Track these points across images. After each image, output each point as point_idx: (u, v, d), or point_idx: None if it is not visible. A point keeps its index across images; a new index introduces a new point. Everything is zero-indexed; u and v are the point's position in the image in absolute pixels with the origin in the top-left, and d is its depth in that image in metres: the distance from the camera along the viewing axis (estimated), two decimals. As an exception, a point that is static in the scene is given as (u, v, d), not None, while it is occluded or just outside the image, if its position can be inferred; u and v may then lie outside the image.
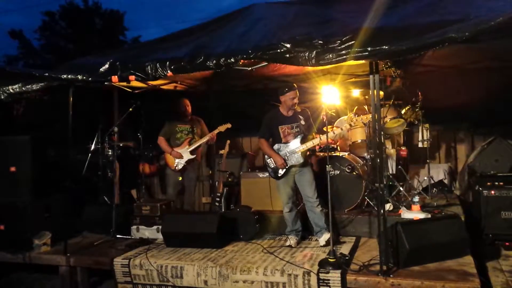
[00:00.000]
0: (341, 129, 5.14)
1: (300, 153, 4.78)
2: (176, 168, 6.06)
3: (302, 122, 4.87)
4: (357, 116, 5.04)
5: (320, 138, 4.67)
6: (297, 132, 4.84)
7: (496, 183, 4.90)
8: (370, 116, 4.62)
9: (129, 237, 5.46)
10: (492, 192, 4.82)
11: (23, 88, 4.89)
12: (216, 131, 6.07)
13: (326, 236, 4.70)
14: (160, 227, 5.29)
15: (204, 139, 6.10)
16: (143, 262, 4.51)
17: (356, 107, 6.13)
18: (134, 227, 5.52)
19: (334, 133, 5.12)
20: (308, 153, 5.00)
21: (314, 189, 4.82)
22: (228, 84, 7.52)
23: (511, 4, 3.49)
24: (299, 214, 5.06)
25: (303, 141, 4.81)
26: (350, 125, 4.96)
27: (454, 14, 3.65)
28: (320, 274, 3.91)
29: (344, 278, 3.85)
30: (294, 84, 4.88)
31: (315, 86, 6.52)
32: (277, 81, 7.22)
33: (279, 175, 4.85)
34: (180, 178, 6.15)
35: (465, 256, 4.11)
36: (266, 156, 4.97)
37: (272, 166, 4.88)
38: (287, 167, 4.80)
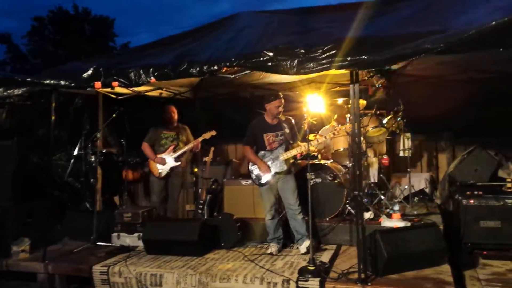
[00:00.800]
0: (325, 137, 5.19)
1: (283, 160, 4.82)
2: (160, 175, 6.04)
3: (287, 131, 4.93)
4: (341, 125, 5.10)
5: (303, 146, 4.71)
6: (282, 140, 4.89)
7: (476, 192, 4.95)
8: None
9: (110, 244, 5.42)
10: (471, 201, 4.87)
11: (5, 93, 4.85)
12: (200, 138, 6.07)
13: (306, 243, 4.72)
14: (141, 234, 5.26)
15: (189, 146, 6.09)
16: (122, 269, 4.48)
17: (336, 115, 6.19)
18: (115, 234, 5.48)
19: (317, 141, 5.17)
20: (292, 161, 5.04)
21: (296, 197, 4.86)
22: (213, 92, 7.55)
23: (489, 15, 3.58)
24: (281, 222, 5.08)
25: (287, 149, 4.87)
26: (334, 133, 5.02)
27: (432, 26, 3.73)
28: (299, 282, 3.93)
29: (323, 286, 3.87)
30: (280, 93, 4.96)
31: (300, 94, 6.58)
32: (262, 89, 7.26)
33: (263, 182, 4.87)
34: (165, 186, 6.12)
35: (442, 265, 4.16)
36: (249, 163, 5.00)
37: (256, 173, 4.91)
38: (271, 174, 4.82)
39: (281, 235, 5.02)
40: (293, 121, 5.08)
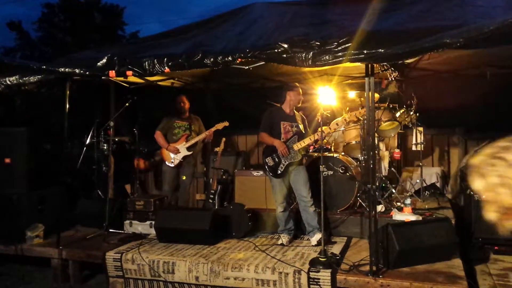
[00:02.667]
0: (336, 124, 5.20)
1: (297, 150, 4.87)
2: (173, 163, 6.08)
3: (300, 124, 5.00)
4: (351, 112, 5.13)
5: (317, 135, 4.72)
6: (296, 131, 4.94)
7: (487, 187, 4.94)
8: (364, 111, 4.71)
9: (122, 231, 5.48)
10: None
11: (20, 80, 4.89)
12: (213, 129, 6.10)
13: (318, 236, 4.74)
14: (153, 222, 5.32)
15: (201, 136, 6.13)
16: (135, 256, 4.53)
17: (348, 108, 6.17)
18: (127, 221, 5.54)
19: (330, 128, 5.13)
20: (303, 152, 5.06)
21: (308, 188, 4.87)
22: (225, 82, 7.55)
23: (506, 10, 3.56)
24: (292, 214, 5.10)
25: (300, 139, 4.91)
26: (345, 120, 5.08)
27: (450, 20, 3.71)
28: (311, 273, 3.95)
29: (334, 277, 3.89)
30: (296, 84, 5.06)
31: (312, 86, 6.57)
32: (273, 80, 7.26)
33: (278, 173, 4.87)
34: (184, 177, 6.16)
35: (454, 259, 4.17)
36: (264, 155, 4.99)
37: (271, 165, 4.90)
38: (287, 161, 4.84)
39: (292, 227, 5.05)
40: (304, 117, 5.17)
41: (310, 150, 5.48)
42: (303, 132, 5.00)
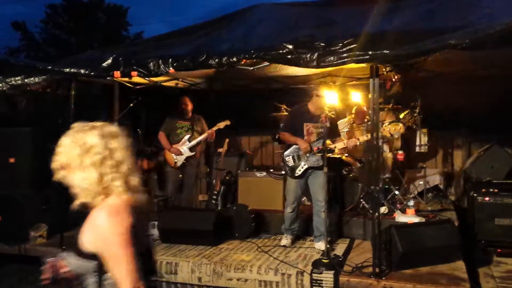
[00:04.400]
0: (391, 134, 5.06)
1: (320, 155, 4.58)
2: (176, 164, 6.09)
3: (327, 124, 4.65)
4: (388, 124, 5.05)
5: (350, 142, 4.65)
6: (321, 133, 4.69)
7: (491, 189, 4.94)
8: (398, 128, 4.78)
9: (126, 231, 5.48)
10: (487, 198, 4.86)
11: (26, 81, 4.92)
12: (215, 128, 6.11)
13: (323, 244, 4.63)
14: (156, 223, 5.32)
15: (203, 136, 6.14)
16: (139, 257, 4.53)
17: (354, 108, 6.17)
18: (131, 222, 5.53)
19: (358, 139, 5.00)
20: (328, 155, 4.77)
21: (325, 193, 4.58)
22: (229, 83, 7.55)
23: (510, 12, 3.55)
24: (299, 215, 5.00)
25: (324, 143, 4.63)
26: (391, 134, 4.97)
27: (455, 21, 3.71)
28: (313, 275, 3.96)
29: (337, 279, 3.89)
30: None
31: (315, 88, 6.56)
32: (277, 81, 7.25)
33: (296, 174, 4.73)
34: (181, 176, 6.17)
35: (457, 261, 4.16)
36: (284, 154, 4.82)
37: (290, 165, 4.75)
38: (308, 164, 4.67)
39: (296, 228, 5.00)
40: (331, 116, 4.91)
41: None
42: (330, 134, 4.70)
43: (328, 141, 4.66)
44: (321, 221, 4.73)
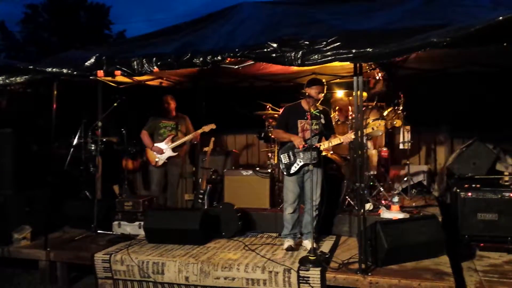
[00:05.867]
0: (372, 129, 5.05)
1: (316, 151, 4.52)
2: (157, 163, 6.07)
3: (322, 121, 4.69)
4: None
5: (347, 138, 4.59)
6: (316, 130, 4.64)
7: (474, 185, 5.02)
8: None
9: (111, 232, 5.44)
10: (469, 194, 4.93)
11: (7, 81, 4.84)
12: (200, 131, 6.10)
13: (310, 242, 4.61)
14: (142, 223, 5.29)
15: (187, 138, 6.11)
16: (124, 257, 4.51)
17: (337, 107, 6.22)
18: (116, 222, 5.50)
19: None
20: (322, 153, 4.80)
21: (319, 192, 4.64)
22: (214, 82, 7.54)
23: (492, 11, 3.61)
24: (300, 217, 4.84)
25: (320, 141, 4.68)
26: (373, 128, 4.96)
27: (437, 20, 3.75)
28: (300, 272, 3.98)
29: (323, 275, 3.92)
30: (323, 80, 4.72)
31: (300, 86, 6.60)
32: (262, 79, 7.27)
33: (291, 171, 4.64)
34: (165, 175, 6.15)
35: (441, 256, 4.23)
36: (280, 151, 4.75)
37: (285, 162, 4.66)
38: (303, 161, 4.58)
39: (297, 232, 4.82)
40: (328, 111, 4.89)
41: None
42: (326, 130, 4.71)
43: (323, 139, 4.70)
44: (311, 219, 4.65)
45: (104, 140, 6.54)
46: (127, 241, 5.06)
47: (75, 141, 6.38)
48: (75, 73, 4.76)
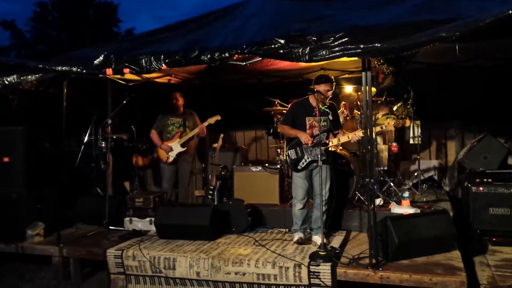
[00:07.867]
0: (381, 127, 5.00)
1: (324, 148, 4.46)
2: (168, 160, 6.12)
3: (330, 117, 4.64)
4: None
5: (356, 135, 4.57)
6: (324, 126, 4.59)
7: (485, 179, 4.97)
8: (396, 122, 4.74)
9: (122, 228, 5.49)
10: (481, 188, 4.90)
11: (18, 80, 4.90)
12: (205, 123, 6.13)
13: (320, 238, 4.62)
14: (153, 219, 5.33)
15: (194, 132, 6.15)
16: (136, 253, 4.55)
17: (344, 102, 6.19)
18: (127, 218, 5.55)
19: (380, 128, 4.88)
20: (330, 149, 4.74)
21: (328, 187, 4.63)
22: (222, 78, 7.56)
23: (500, 4, 3.57)
24: (309, 212, 4.85)
25: (328, 136, 4.65)
26: (382, 128, 4.87)
27: (445, 14, 3.72)
28: (311, 267, 3.99)
29: (334, 270, 3.93)
30: (332, 76, 4.66)
31: (309, 81, 6.58)
32: (271, 76, 7.27)
33: (298, 167, 4.65)
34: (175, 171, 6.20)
35: (452, 251, 4.21)
36: (288, 147, 4.76)
37: (293, 158, 4.66)
38: (310, 158, 4.58)
39: (307, 227, 4.85)
40: (336, 107, 4.88)
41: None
42: (334, 126, 4.67)
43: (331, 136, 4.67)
44: (320, 214, 4.68)
45: (114, 137, 6.60)
46: (138, 237, 5.11)
47: (86, 139, 6.45)
48: (84, 71, 4.79)
